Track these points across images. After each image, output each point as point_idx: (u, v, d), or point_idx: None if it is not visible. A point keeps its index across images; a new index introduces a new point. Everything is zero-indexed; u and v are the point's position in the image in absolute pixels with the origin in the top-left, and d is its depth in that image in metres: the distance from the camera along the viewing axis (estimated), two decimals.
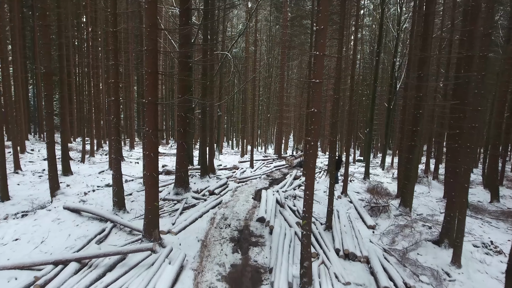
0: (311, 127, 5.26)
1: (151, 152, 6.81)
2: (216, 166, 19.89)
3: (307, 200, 5.39)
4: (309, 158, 5.30)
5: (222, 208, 11.11)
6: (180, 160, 11.78)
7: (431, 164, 26.72)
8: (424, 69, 10.05)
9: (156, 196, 7.16)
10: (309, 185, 5.32)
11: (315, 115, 5.14)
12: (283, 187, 14.60)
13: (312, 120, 5.18)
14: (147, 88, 6.73)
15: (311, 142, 5.20)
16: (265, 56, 35.56)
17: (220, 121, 23.69)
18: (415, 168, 10.76)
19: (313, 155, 5.27)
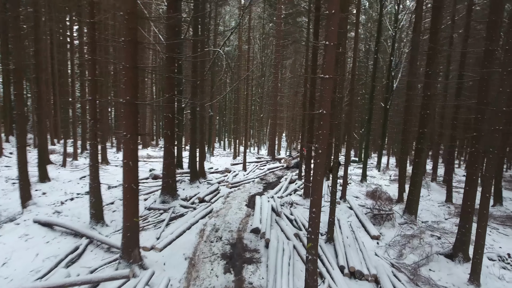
0: (318, 132, 4.40)
1: (129, 160, 5.87)
2: (207, 169, 18.94)
3: (313, 219, 4.53)
4: (316, 169, 4.44)
5: (213, 218, 10.18)
6: (167, 165, 10.82)
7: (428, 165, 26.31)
8: (433, 66, 9.30)
9: (136, 210, 6.21)
10: (315, 202, 4.47)
11: (323, 117, 4.28)
12: (278, 192, 13.73)
13: (320, 123, 4.31)
14: (125, 85, 5.78)
15: (319, 150, 4.34)
16: (258, 54, 34.65)
17: (212, 122, 22.73)
18: (421, 173, 10.00)
19: (320, 165, 4.41)
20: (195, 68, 12.75)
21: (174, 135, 10.88)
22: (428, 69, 9.33)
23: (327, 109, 4.24)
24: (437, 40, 9.35)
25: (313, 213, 4.52)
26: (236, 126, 25.47)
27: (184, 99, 12.09)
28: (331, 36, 4.19)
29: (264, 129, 38.81)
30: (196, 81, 12.77)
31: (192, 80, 12.80)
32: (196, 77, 12.88)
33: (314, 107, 11.71)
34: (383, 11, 20.42)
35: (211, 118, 22.16)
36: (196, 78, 12.86)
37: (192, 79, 12.43)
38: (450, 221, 11.01)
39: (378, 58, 30.36)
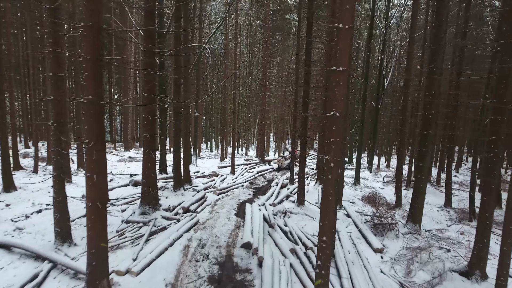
0: (329, 140, 3.46)
1: (93, 174, 4.79)
2: (193, 173, 17.83)
3: (323, 249, 3.59)
4: (326, 187, 3.51)
5: (198, 231, 9.14)
6: (147, 172, 9.70)
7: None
8: (437, 62, 8.53)
9: (103, 234, 5.13)
10: (326, 227, 3.53)
11: (335, 121, 3.35)
12: (269, 199, 12.79)
13: (332, 129, 3.38)
14: (86, 82, 4.70)
15: (330, 163, 3.41)
16: (245, 53, 33.63)
17: (198, 123, 21.60)
18: (425, 178, 9.25)
19: (331, 182, 3.48)
20: (178, 65, 11.65)
21: (155, 138, 9.77)
22: (433, 66, 8.56)
23: (340, 111, 3.31)
24: (441, 33, 8.59)
25: (323, 242, 3.58)
26: (223, 127, 24.40)
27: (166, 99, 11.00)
28: (345, 17, 3.27)
29: (251, 129, 37.84)
30: (179, 79, 11.68)
31: (174, 77, 11.70)
32: (179, 74, 11.79)
33: (307, 107, 10.81)
34: (375, 6, 19.72)
35: (197, 119, 21.03)
36: (179, 76, 11.77)
37: (175, 76, 11.32)
38: (454, 229, 10.32)
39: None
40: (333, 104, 3.32)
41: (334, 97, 3.31)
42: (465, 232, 9.97)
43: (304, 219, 10.38)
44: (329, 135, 3.43)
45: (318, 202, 12.68)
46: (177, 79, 11.65)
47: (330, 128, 3.41)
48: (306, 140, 11.00)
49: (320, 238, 3.59)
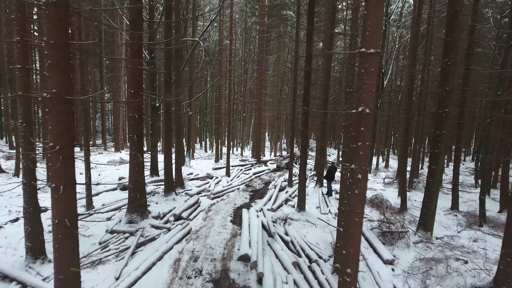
0: (356, 145, 2.67)
1: (60, 184, 3.94)
2: (186, 175, 16.97)
3: (346, 285, 2.79)
4: (351, 205, 2.72)
5: (191, 241, 8.31)
6: (134, 176, 8.85)
7: (425, 167, 25.37)
8: (452, 55, 7.81)
9: (74, 257, 4.28)
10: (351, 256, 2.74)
11: (364, 119, 2.58)
12: (267, 203, 12.00)
13: (360, 129, 2.60)
14: (49, 72, 3.85)
15: (358, 174, 2.63)
16: (240, 51, 32.79)
17: (191, 122, 20.72)
18: (438, 182, 8.54)
19: (358, 200, 2.69)
20: (169, 60, 10.80)
21: (143, 139, 8.92)
22: (447, 60, 7.83)
23: (371, 106, 2.54)
24: (456, 24, 7.87)
25: (346, 275, 2.77)
26: (218, 126, 23.54)
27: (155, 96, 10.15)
28: None
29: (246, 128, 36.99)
30: (170, 75, 10.83)
31: (165, 74, 10.84)
32: (170, 70, 10.93)
33: (308, 104, 10.04)
34: None
35: (191, 118, 20.15)
36: (170, 72, 10.91)
37: (164, 71, 10.46)
38: (465, 236, 9.62)
39: None
40: (361, 97, 2.55)
41: (362, 88, 2.54)
42: (479, 239, 9.28)
43: (305, 226, 9.61)
44: (355, 137, 2.65)
45: (319, 206, 11.94)
46: (168, 75, 10.80)
47: (357, 129, 2.63)
48: (307, 141, 10.24)
49: (342, 270, 2.81)
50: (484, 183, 11.18)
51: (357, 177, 2.66)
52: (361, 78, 2.60)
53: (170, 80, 10.66)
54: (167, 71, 10.76)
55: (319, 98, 16.49)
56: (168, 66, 10.85)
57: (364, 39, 2.56)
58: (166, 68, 10.68)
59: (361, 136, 2.62)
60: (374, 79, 2.61)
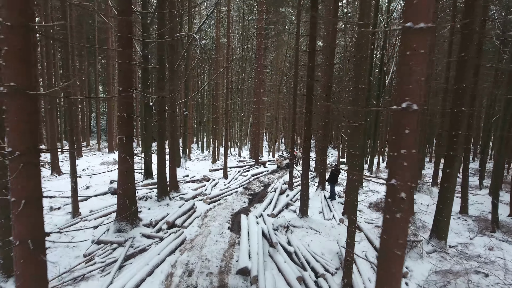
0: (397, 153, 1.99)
1: (20, 198, 3.24)
2: (181, 177, 16.27)
3: None
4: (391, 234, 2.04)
5: (185, 252, 7.62)
6: (123, 181, 8.14)
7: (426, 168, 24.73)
8: (470, 49, 7.17)
9: (40, 284, 3.57)
10: None
11: (409, 117, 1.91)
12: (267, 208, 11.34)
13: (404, 132, 1.92)
14: (5, 61, 3.14)
15: (400, 192, 1.96)
16: (238, 49, 32.11)
17: (187, 122, 20.01)
18: (453, 187, 7.90)
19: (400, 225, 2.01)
20: (162, 55, 10.08)
21: (132, 141, 8.21)
22: (464, 54, 7.19)
23: (418, 102, 1.87)
24: (474, 15, 7.23)
25: None
26: (215, 126, 22.85)
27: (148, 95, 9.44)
28: None
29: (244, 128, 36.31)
30: (163, 71, 10.11)
31: (158, 70, 10.13)
32: (163, 67, 10.22)
33: (312, 103, 9.37)
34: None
35: (187, 118, 19.44)
36: (163, 69, 10.20)
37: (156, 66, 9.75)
38: (479, 243, 9.00)
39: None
40: (405, 89, 1.88)
41: (408, 77, 1.88)
42: (494, 247, 8.66)
43: (309, 233, 8.94)
44: (396, 142, 1.97)
45: (322, 211, 11.28)
46: (160, 72, 10.08)
47: (399, 131, 1.94)
48: (310, 142, 9.58)
49: None
50: (496, 186, 10.57)
51: (400, 196, 1.98)
52: (406, 64, 1.93)
53: (163, 77, 9.94)
54: (160, 68, 10.05)
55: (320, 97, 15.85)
56: (162, 62, 10.14)
57: (411, 9, 1.89)
58: (159, 65, 9.97)
59: (405, 141, 1.93)
60: (424, 64, 1.94)
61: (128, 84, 7.80)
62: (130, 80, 7.93)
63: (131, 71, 7.87)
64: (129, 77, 7.84)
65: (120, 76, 7.74)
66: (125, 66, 7.69)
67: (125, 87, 7.75)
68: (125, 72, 7.73)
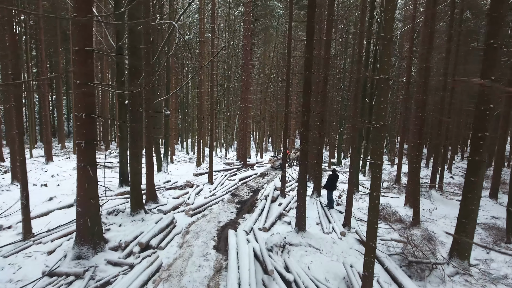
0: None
1: None
2: (162, 183, 14.76)
3: None
4: None
5: (160, 284, 6.19)
6: (83, 197, 6.63)
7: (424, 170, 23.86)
8: (499, 35, 6.02)
9: None
10: None
11: None
12: (258, 219, 10.01)
13: None
14: None
15: None
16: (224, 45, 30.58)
17: (169, 123, 18.43)
18: (478, 197, 6.76)
19: None
20: (133, 43, 8.56)
21: (94, 147, 6.71)
22: (493, 41, 6.04)
23: None
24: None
25: None
26: (199, 127, 21.33)
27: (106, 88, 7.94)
28: None
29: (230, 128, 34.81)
30: (136, 65, 8.61)
31: (130, 62, 8.62)
32: (137, 59, 8.71)
33: (310, 100, 8.08)
34: None
35: (168, 118, 17.86)
36: (136, 61, 8.70)
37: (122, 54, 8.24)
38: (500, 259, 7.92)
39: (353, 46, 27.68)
40: None
41: None
42: None
43: (308, 252, 7.66)
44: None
45: (320, 222, 10.02)
46: (134, 65, 8.57)
47: None
48: (308, 144, 8.28)
49: None
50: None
51: None
52: None
53: (136, 71, 8.43)
54: (133, 60, 8.53)
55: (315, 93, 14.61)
56: (134, 53, 8.63)
57: None
58: (132, 56, 8.46)
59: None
60: None
61: (87, 76, 6.30)
62: (89, 71, 6.42)
63: (91, 61, 6.37)
64: (89, 68, 6.34)
65: (77, 66, 6.23)
66: (83, 55, 6.19)
67: (83, 81, 6.25)
68: (83, 62, 6.23)
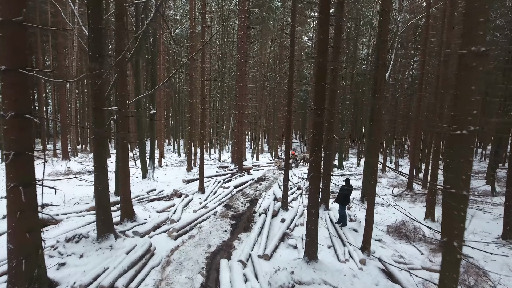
0: None
1: None
2: (146, 192, 12.88)
3: None
4: None
5: None
6: (15, 230, 4.76)
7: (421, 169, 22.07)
8: None
9: None
10: None
11: None
12: (257, 241, 8.19)
13: None
14: None
15: None
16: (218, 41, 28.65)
17: (154, 124, 16.52)
18: None
19: None
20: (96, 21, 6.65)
21: (31, 159, 4.83)
22: None
23: None
24: None
25: None
26: (190, 127, 19.44)
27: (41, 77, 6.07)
28: None
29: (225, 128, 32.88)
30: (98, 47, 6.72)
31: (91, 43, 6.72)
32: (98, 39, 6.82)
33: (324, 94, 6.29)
34: None
35: (154, 118, 15.93)
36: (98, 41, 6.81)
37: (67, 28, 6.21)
38: None
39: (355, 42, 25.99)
40: None
41: None
42: None
43: None
44: None
45: (332, 245, 8.20)
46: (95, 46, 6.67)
47: None
48: (321, 152, 6.49)
49: None
50: None
51: None
52: None
53: (97, 56, 6.54)
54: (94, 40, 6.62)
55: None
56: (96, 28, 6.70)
57: None
58: (93, 36, 6.56)
59: None
60: None
61: (17, 59, 4.43)
62: (20, 53, 4.54)
63: (21, 37, 4.49)
64: (18, 47, 4.46)
65: (7, 49, 4.36)
66: (10, 28, 4.32)
67: (11, 65, 4.38)
68: (10, 38, 4.35)
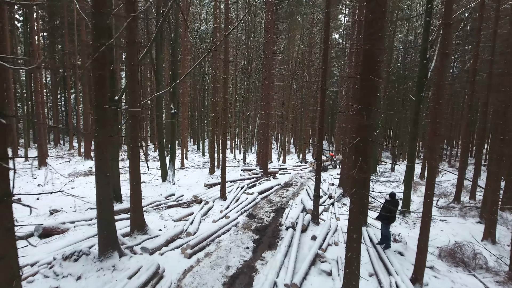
0: None
1: None
2: (164, 197, 12.00)
3: None
4: None
5: None
6: None
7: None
8: None
9: None
10: None
11: None
12: (283, 264, 6.94)
13: None
14: None
15: None
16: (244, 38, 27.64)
17: (175, 124, 15.70)
18: None
19: None
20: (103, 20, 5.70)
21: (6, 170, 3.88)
22: None
23: None
24: None
25: None
26: (213, 128, 18.52)
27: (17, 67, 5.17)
28: None
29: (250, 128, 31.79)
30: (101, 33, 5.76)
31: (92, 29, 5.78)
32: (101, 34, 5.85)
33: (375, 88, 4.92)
34: None
35: (175, 118, 15.10)
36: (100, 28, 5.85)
37: None
38: None
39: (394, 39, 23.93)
40: None
41: None
42: None
43: None
44: None
45: (374, 273, 6.78)
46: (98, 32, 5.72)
47: None
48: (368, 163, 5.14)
49: None
50: None
51: None
52: None
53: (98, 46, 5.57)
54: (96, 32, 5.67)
55: None
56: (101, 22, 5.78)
57: None
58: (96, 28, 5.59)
59: None
60: None
61: None
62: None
63: None
64: None
65: None
66: None
67: None
68: None
